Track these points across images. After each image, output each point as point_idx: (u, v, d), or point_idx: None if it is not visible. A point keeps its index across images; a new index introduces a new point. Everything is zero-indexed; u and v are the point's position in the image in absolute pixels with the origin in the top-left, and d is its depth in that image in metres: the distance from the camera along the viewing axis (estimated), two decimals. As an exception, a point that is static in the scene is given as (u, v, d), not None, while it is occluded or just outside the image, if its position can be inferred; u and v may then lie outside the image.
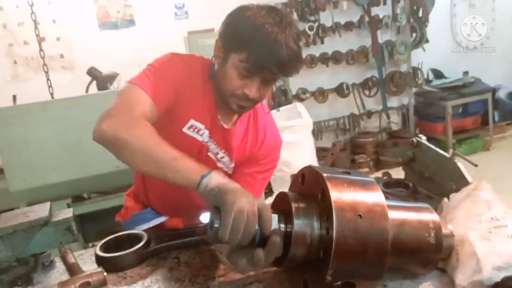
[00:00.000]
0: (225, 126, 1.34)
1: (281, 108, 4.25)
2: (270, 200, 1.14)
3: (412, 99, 5.23)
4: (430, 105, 5.09)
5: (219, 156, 1.36)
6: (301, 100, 4.73)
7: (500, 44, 5.34)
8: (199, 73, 1.28)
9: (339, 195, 0.82)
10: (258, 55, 1.12)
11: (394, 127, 5.33)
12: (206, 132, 1.31)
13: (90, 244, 2.86)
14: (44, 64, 2.92)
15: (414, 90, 5.24)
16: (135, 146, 1.02)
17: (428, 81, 5.26)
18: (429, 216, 0.95)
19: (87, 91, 3.10)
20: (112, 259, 1.15)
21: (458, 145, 4.91)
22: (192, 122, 1.28)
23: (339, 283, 0.82)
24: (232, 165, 1.40)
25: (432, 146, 1.30)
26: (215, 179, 0.92)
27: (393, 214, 0.89)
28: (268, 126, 1.42)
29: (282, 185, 3.74)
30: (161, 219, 1.43)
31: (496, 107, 5.26)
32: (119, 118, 1.08)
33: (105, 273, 1.07)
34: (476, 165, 1.18)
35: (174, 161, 0.99)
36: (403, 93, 5.19)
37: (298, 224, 0.85)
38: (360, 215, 0.81)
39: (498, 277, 0.86)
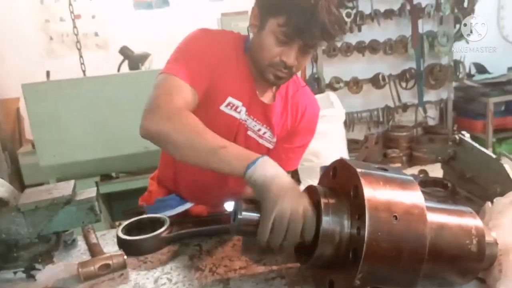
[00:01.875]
0: (265, 101, 1.29)
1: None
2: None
3: (451, 93, 5.01)
4: (471, 101, 4.86)
5: (261, 132, 1.32)
6: (334, 89, 4.61)
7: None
8: (231, 47, 1.24)
9: (374, 193, 0.76)
10: (298, 18, 1.08)
11: (431, 122, 5.14)
12: (244, 110, 1.27)
13: (117, 223, 2.90)
14: (77, 41, 2.94)
15: (454, 84, 5.02)
16: (178, 139, 1.02)
17: (469, 76, 5.02)
18: (472, 222, 0.86)
19: (118, 70, 3.10)
20: (133, 242, 1.13)
21: (498, 145, 4.69)
22: (229, 99, 1.24)
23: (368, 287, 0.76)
24: (275, 139, 1.35)
25: (476, 145, 1.20)
26: (260, 170, 0.89)
27: (432, 217, 0.81)
28: (307, 98, 1.37)
29: (310, 175, 3.67)
30: (186, 206, 1.40)
31: (541, 106, 4.98)
32: (159, 112, 1.06)
33: (125, 257, 1.05)
34: (525, 168, 1.08)
35: (218, 151, 0.97)
36: (442, 87, 4.98)
37: (327, 221, 0.79)
38: (395, 216, 0.74)
39: (547, 293, 0.77)
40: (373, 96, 4.91)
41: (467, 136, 1.26)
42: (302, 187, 0.94)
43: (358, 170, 0.79)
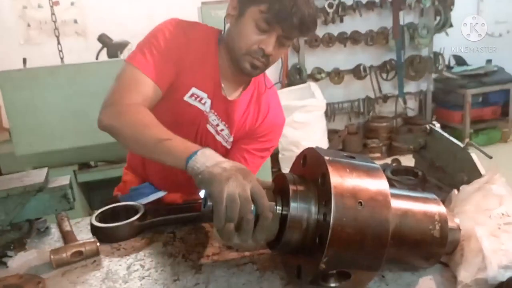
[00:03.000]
0: (228, 98, 1.30)
1: (294, 87, 4.18)
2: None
3: (431, 85, 5.09)
4: (449, 93, 4.95)
5: (219, 128, 1.33)
6: (316, 80, 4.63)
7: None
8: (201, 39, 1.25)
9: (340, 180, 0.77)
10: (280, 5, 1.12)
11: (410, 113, 5.22)
12: (209, 102, 1.28)
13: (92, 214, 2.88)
14: (56, 29, 2.89)
15: (433, 76, 5.09)
16: (126, 133, 1.07)
17: (449, 68, 5.10)
18: (436, 208, 0.89)
19: (97, 58, 3.06)
20: (107, 230, 1.13)
21: (475, 135, 4.79)
22: (193, 90, 1.26)
23: (334, 271, 0.78)
24: (231, 139, 1.36)
25: (446, 134, 1.24)
26: (201, 161, 0.88)
27: (397, 204, 0.84)
28: (272, 103, 1.39)
29: (290, 165, 3.70)
30: (159, 194, 1.41)
31: (518, 99, 5.09)
32: (113, 108, 1.12)
33: (98, 243, 1.06)
34: (490, 157, 1.12)
35: (161, 143, 0.98)
36: (422, 79, 5.06)
37: (295, 207, 0.81)
38: (360, 203, 0.76)
39: (504, 276, 0.81)
40: (354, 87, 4.95)
41: (437, 126, 1.30)
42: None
43: (326, 158, 0.81)
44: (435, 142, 1.28)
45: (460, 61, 5.17)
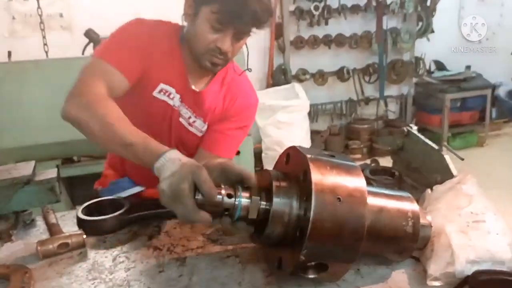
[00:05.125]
0: (196, 90, 1.34)
1: (279, 88, 4.23)
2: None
3: (411, 89, 5.20)
4: (429, 97, 5.07)
5: (191, 120, 1.38)
6: (300, 81, 4.69)
7: (505, 40, 5.29)
8: (165, 37, 1.29)
9: (321, 177, 0.82)
10: (230, 5, 1.14)
11: (391, 116, 5.32)
12: (177, 96, 1.33)
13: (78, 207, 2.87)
14: (41, 22, 2.87)
15: (414, 80, 5.21)
16: (94, 128, 1.06)
17: (429, 72, 5.22)
18: (409, 206, 0.95)
19: (83, 53, 3.05)
20: (93, 223, 1.15)
21: (452, 139, 4.92)
22: (161, 86, 1.30)
23: (312, 263, 0.83)
24: (205, 127, 1.41)
25: (422, 137, 1.30)
26: (166, 163, 0.92)
27: (373, 201, 0.89)
28: (243, 86, 1.43)
29: (273, 164, 3.74)
30: (138, 189, 1.44)
31: (494, 104, 5.25)
32: (80, 99, 1.11)
33: (84, 236, 1.08)
34: (462, 159, 1.18)
35: (128, 147, 1.01)
36: (403, 82, 5.17)
37: (278, 202, 0.85)
38: (339, 199, 0.81)
39: (470, 270, 0.87)
40: (337, 89, 5.03)
41: (414, 129, 1.35)
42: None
43: (308, 156, 0.85)
44: (412, 144, 1.34)
45: (440, 66, 5.30)
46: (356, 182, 0.85)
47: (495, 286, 0.81)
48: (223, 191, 0.87)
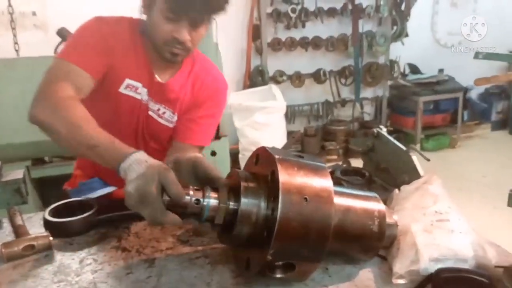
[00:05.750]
0: (162, 81, 1.34)
1: (256, 89, 4.24)
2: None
3: (386, 91, 5.29)
4: (403, 99, 5.17)
5: (160, 112, 1.37)
6: (278, 82, 4.72)
7: (476, 45, 5.43)
8: (126, 32, 1.29)
9: (288, 178, 0.83)
10: None
11: (367, 118, 5.40)
12: (144, 91, 1.32)
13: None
14: (12, 21, 2.80)
15: (389, 83, 5.30)
16: (60, 131, 1.06)
17: (404, 75, 5.32)
18: (376, 205, 0.96)
19: (55, 52, 2.99)
20: (60, 224, 1.13)
21: (426, 141, 5.02)
22: (127, 81, 1.29)
23: (280, 263, 0.83)
24: (175, 118, 1.40)
25: (391, 138, 1.32)
26: (132, 165, 0.92)
27: (340, 200, 0.90)
28: (210, 72, 1.42)
29: (250, 165, 3.75)
30: (108, 189, 1.42)
31: (466, 107, 5.39)
32: (46, 102, 1.10)
33: (50, 238, 1.06)
34: (428, 160, 1.21)
35: (93, 149, 1.01)
36: (378, 85, 5.25)
37: (245, 202, 0.85)
38: (306, 199, 0.82)
39: (434, 268, 0.89)
40: (314, 91, 5.07)
41: (384, 130, 1.38)
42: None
43: (276, 156, 0.86)
44: (382, 145, 1.37)
45: (414, 69, 5.41)
46: (323, 182, 0.86)
47: (457, 284, 0.83)
48: (191, 192, 0.87)
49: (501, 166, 4.47)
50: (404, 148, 1.26)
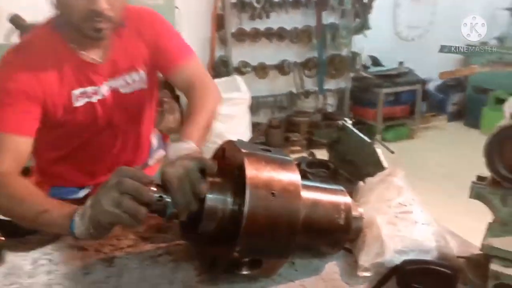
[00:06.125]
0: (102, 61, 1.22)
1: (220, 80, 4.18)
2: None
3: (349, 83, 5.36)
4: (365, 91, 5.25)
5: (128, 80, 1.27)
6: (242, 73, 4.67)
7: (435, 38, 5.60)
8: (42, 49, 1.15)
9: (255, 172, 0.80)
10: None
11: (330, 109, 5.46)
12: (94, 88, 1.22)
13: None
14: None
15: (352, 75, 5.37)
16: (2, 207, 1.01)
17: (365, 68, 5.41)
18: (342, 198, 0.96)
19: (7, 40, 2.84)
20: (11, 223, 1.06)
21: (386, 132, 5.14)
22: (74, 93, 1.18)
23: (246, 259, 0.81)
24: (144, 75, 1.30)
25: (355, 130, 1.32)
26: (79, 227, 0.86)
27: (307, 194, 0.89)
28: (135, 14, 1.29)
29: (214, 157, 3.71)
30: (84, 192, 1.37)
31: (424, 99, 5.54)
32: None
33: (2, 238, 0.99)
34: (392, 152, 1.22)
35: (39, 217, 0.93)
36: (341, 77, 5.31)
37: (211, 198, 0.82)
38: (273, 193, 0.80)
39: (399, 260, 0.89)
40: (278, 82, 5.06)
41: (349, 122, 1.38)
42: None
43: (243, 150, 0.83)
44: (347, 137, 1.37)
45: (375, 61, 5.51)
46: (290, 176, 0.84)
47: (422, 275, 0.83)
48: (153, 188, 0.83)
49: (457, 156, 4.64)
50: (368, 140, 1.26)
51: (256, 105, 4.84)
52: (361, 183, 1.17)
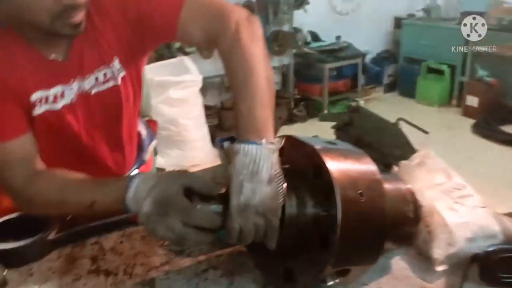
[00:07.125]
0: (67, 58, 0.99)
1: (166, 62, 3.93)
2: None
3: (292, 60, 5.33)
4: (309, 67, 5.26)
5: (100, 79, 1.03)
6: (186, 53, 4.42)
7: (365, 13, 5.76)
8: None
9: (338, 171, 0.70)
10: None
11: (276, 87, 5.41)
12: (61, 90, 1.00)
13: None
14: None
15: (294, 51, 5.34)
16: (51, 213, 0.96)
17: (307, 43, 5.40)
18: (404, 187, 0.89)
19: None
20: (11, 252, 0.88)
21: (331, 106, 5.21)
22: (33, 97, 0.95)
23: (333, 270, 0.72)
24: (118, 64, 1.04)
25: (374, 112, 1.26)
26: (138, 191, 0.77)
27: (377, 188, 0.80)
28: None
29: (170, 145, 3.51)
30: None
31: (363, 72, 5.69)
32: (17, 199, 0.96)
33: (5, 271, 0.81)
34: (427, 132, 1.17)
35: (91, 208, 0.85)
36: (284, 54, 5.25)
37: (290, 205, 0.71)
38: (361, 193, 0.70)
39: (470, 249, 0.85)
40: (223, 61, 4.90)
41: (362, 104, 1.31)
42: (160, 159, 0.85)
43: (317, 147, 0.72)
44: (361, 119, 1.30)
45: (315, 37, 5.52)
46: (370, 172, 0.75)
47: (508, 265, 0.79)
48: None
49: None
50: (391, 121, 1.20)
51: (204, 87, 4.65)
52: (394, 168, 1.11)
